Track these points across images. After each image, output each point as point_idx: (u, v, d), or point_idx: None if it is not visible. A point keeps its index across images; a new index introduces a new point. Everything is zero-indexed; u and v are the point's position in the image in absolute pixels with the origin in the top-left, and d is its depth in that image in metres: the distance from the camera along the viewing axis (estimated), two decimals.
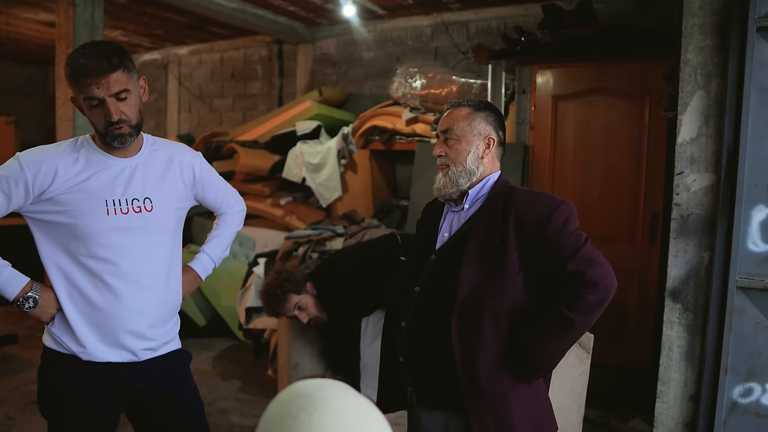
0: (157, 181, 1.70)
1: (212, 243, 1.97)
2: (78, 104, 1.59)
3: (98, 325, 1.63)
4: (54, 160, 1.57)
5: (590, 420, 3.34)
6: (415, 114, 5.15)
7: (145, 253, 1.67)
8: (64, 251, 1.61)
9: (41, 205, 1.58)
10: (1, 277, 1.58)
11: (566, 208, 1.54)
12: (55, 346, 1.65)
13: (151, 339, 1.70)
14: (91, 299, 1.62)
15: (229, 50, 7.27)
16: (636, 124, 3.54)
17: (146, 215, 1.66)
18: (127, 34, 6.88)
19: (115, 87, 1.52)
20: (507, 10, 5.33)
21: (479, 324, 1.52)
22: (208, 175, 1.87)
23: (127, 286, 1.64)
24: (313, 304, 2.68)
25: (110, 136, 1.57)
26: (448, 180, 1.65)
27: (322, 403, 0.69)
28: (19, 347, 4.54)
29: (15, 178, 1.54)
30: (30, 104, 8.70)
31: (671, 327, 2.42)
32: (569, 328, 1.49)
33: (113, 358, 1.65)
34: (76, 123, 4.28)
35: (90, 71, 1.49)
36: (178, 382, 1.79)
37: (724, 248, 2.25)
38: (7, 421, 3.31)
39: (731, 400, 2.28)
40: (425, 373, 1.60)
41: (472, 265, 1.55)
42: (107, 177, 1.61)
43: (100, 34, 4.40)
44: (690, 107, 2.35)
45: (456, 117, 1.67)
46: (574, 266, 1.48)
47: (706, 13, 2.29)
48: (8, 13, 5.87)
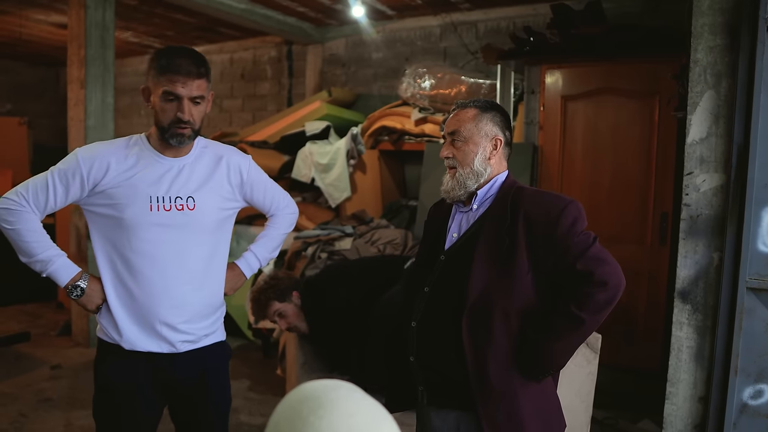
0: (202, 181, 1.76)
1: (259, 243, 2.05)
2: (149, 95, 1.68)
3: (137, 315, 1.72)
4: (107, 156, 1.68)
5: (599, 421, 3.33)
6: (424, 114, 5.15)
7: (185, 250, 1.74)
8: (111, 243, 1.71)
9: (94, 198, 1.69)
10: (55, 266, 1.69)
11: (575, 209, 1.55)
12: (102, 336, 1.77)
13: (188, 333, 1.77)
14: (131, 290, 1.71)
15: (239, 51, 7.30)
16: (645, 124, 3.52)
17: (188, 213, 1.72)
18: (137, 35, 6.94)
19: (195, 91, 1.65)
20: (516, 10, 5.32)
21: (490, 324, 1.53)
22: (256, 178, 1.91)
23: (164, 280, 1.72)
24: (294, 313, 2.78)
25: (171, 134, 1.67)
26: (455, 182, 1.66)
27: (332, 406, 0.68)
28: (31, 345, 4.60)
29: (72, 171, 1.66)
30: (42, 105, 8.79)
31: (680, 328, 2.40)
32: (579, 327, 1.50)
33: (152, 348, 1.73)
34: (87, 124, 4.32)
35: (181, 70, 1.61)
36: (214, 378, 1.85)
37: (733, 249, 2.24)
38: (19, 419, 3.35)
39: (741, 401, 2.26)
40: (436, 373, 1.61)
41: (483, 266, 1.56)
42: (155, 174, 1.70)
43: (111, 35, 4.44)
44: (700, 107, 2.33)
45: (463, 118, 1.67)
46: (582, 266, 1.49)
47: (716, 13, 2.28)
48: (21, 15, 5.94)
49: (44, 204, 1.67)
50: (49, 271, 1.70)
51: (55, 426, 3.25)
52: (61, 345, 4.69)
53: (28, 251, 1.67)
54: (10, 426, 3.25)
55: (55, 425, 3.26)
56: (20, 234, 1.66)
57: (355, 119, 5.85)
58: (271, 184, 2.00)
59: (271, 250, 2.05)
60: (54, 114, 8.59)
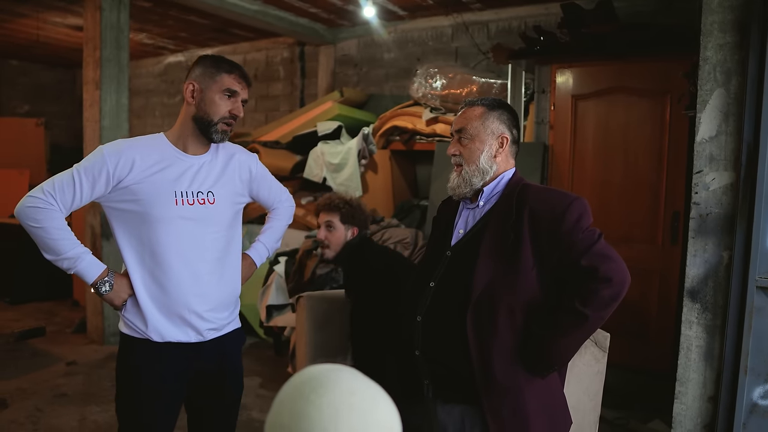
0: (218, 176, 1.87)
1: (267, 234, 2.18)
2: (199, 89, 1.77)
3: (166, 306, 1.77)
4: (132, 152, 1.73)
5: (609, 421, 3.32)
6: (435, 114, 5.16)
7: (206, 242, 1.83)
8: (137, 238, 1.76)
9: (118, 194, 1.74)
10: (83, 263, 1.72)
11: (580, 205, 1.56)
12: (129, 331, 1.80)
13: (213, 321, 1.85)
14: (160, 282, 1.76)
15: (252, 52, 7.36)
16: (657, 122, 3.50)
17: (209, 207, 1.82)
18: (152, 36, 7.02)
19: (246, 95, 1.84)
20: (527, 9, 5.32)
21: (494, 319, 1.54)
22: (262, 174, 2.05)
23: (191, 271, 1.79)
24: (339, 239, 2.57)
25: (216, 128, 1.78)
26: (461, 179, 1.68)
27: (333, 385, 0.73)
28: (48, 342, 4.68)
29: (99, 168, 1.70)
30: (59, 106, 8.93)
31: (690, 327, 2.39)
32: (583, 323, 1.50)
33: (181, 338, 1.80)
34: (102, 125, 4.38)
35: (244, 74, 1.82)
36: (231, 363, 1.95)
37: (743, 247, 2.22)
38: (36, 413, 3.41)
39: (751, 401, 2.25)
40: (441, 367, 1.63)
41: (488, 261, 1.57)
42: (177, 171, 1.78)
43: (126, 37, 4.50)
44: (709, 105, 2.32)
45: (470, 116, 1.69)
46: (587, 262, 1.49)
47: (726, 10, 2.27)
48: (38, 18, 6.04)
49: (71, 201, 1.71)
50: (77, 269, 1.73)
51: (69, 420, 3.31)
52: (77, 342, 4.76)
53: (56, 249, 1.70)
54: (27, 420, 3.32)
55: (70, 420, 3.31)
56: (48, 232, 1.68)
57: (367, 119, 5.88)
58: (273, 180, 2.13)
59: (276, 240, 2.20)
60: (71, 115, 8.73)
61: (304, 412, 0.71)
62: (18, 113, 8.53)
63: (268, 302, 4.31)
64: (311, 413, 0.71)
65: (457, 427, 1.63)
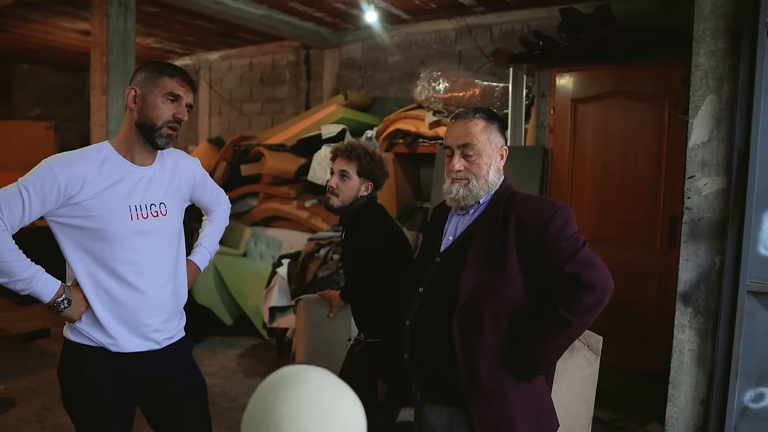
0: (168, 186, 1.86)
1: (208, 238, 2.17)
2: (141, 94, 1.73)
3: (125, 319, 1.75)
4: (82, 167, 1.67)
5: (606, 423, 3.34)
6: (438, 117, 5.20)
7: (161, 253, 1.82)
8: (89, 254, 1.71)
9: (67, 210, 1.67)
10: (39, 284, 1.66)
11: (564, 213, 1.58)
12: (82, 339, 1.75)
13: (168, 330, 1.86)
14: (117, 297, 1.73)
15: (258, 55, 7.43)
16: (655, 126, 3.52)
17: (162, 219, 1.80)
18: (159, 41, 7.11)
19: (191, 100, 1.80)
20: (530, 13, 5.34)
21: (480, 324, 1.58)
22: (203, 179, 2.05)
23: (148, 284, 1.77)
24: (351, 191, 2.34)
25: (160, 132, 1.74)
26: (468, 192, 1.68)
27: (301, 383, 0.81)
28: (55, 343, 4.75)
29: (50, 183, 1.62)
30: (68, 109, 9.05)
31: (682, 330, 2.42)
32: (566, 329, 1.53)
33: (140, 348, 1.79)
34: (108, 129, 4.46)
35: (185, 77, 1.77)
36: (188, 365, 1.96)
37: (734, 252, 2.25)
38: (43, 412, 3.48)
39: (742, 404, 2.27)
40: (429, 370, 1.66)
41: (474, 268, 1.61)
42: (129, 184, 1.74)
43: (132, 43, 4.58)
44: (701, 111, 2.35)
45: (474, 131, 1.68)
46: (571, 269, 1.52)
47: (718, 17, 2.29)
48: (47, 23, 6.14)
49: (19, 220, 1.63)
50: (32, 290, 1.65)
51: None
52: None
53: (8, 272, 1.61)
54: (34, 419, 3.39)
55: None
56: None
57: (371, 122, 5.92)
58: (212, 183, 2.12)
59: (216, 242, 2.20)
60: (80, 118, 8.84)
61: (274, 407, 0.79)
62: (29, 116, 8.66)
63: (271, 304, 4.36)
64: (281, 407, 0.78)
65: (444, 428, 1.67)
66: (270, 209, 5.71)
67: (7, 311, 5.67)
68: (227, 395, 3.76)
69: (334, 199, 2.33)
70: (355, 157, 2.31)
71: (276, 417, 0.78)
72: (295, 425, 0.77)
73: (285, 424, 0.77)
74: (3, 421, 3.24)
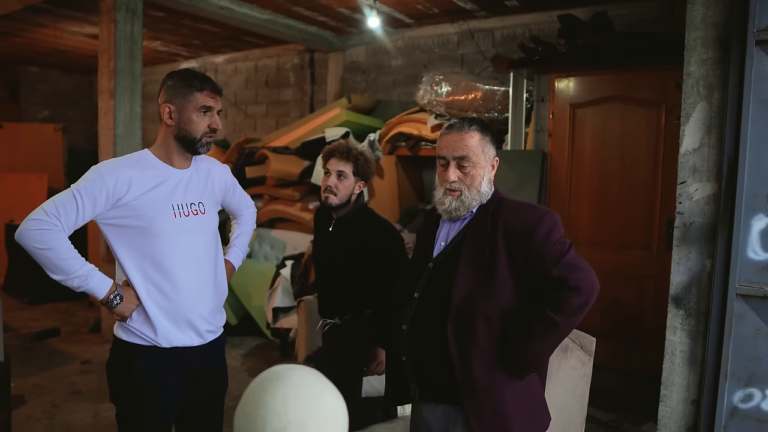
0: (204, 187, 2.00)
1: (240, 238, 2.31)
2: (176, 110, 1.86)
3: (173, 313, 1.88)
4: (128, 171, 1.82)
5: (603, 423, 3.39)
6: (440, 121, 5.26)
7: (203, 249, 1.95)
8: (139, 251, 1.84)
9: (116, 212, 1.81)
10: (94, 281, 1.79)
11: (550, 219, 1.65)
12: (133, 338, 1.88)
13: (211, 324, 1.99)
14: (165, 291, 1.86)
15: (263, 58, 7.51)
16: (652, 131, 3.57)
17: (201, 217, 1.95)
18: (166, 44, 7.20)
19: (220, 105, 1.93)
20: (532, 17, 5.40)
21: (473, 327, 1.64)
22: (233, 184, 2.19)
23: (192, 277, 1.90)
24: (348, 190, 2.47)
25: (201, 143, 1.89)
26: (461, 203, 1.72)
27: (286, 379, 0.91)
28: (64, 342, 4.85)
29: (99, 187, 1.77)
30: (77, 111, 9.17)
31: (674, 332, 2.47)
32: (555, 329, 1.60)
33: (186, 342, 1.91)
34: (116, 132, 4.55)
35: (214, 88, 1.90)
36: (222, 362, 2.11)
37: (724, 256, 2.29)
38: (52, 409, 3.57)
39: (731, 405, 2.32)
40: (426, 372, 1.73)
41: (466, 273, 1.67)
42: (171, 185, 1.89)
43: (139, 48, 4.66)
44: (692, 118, 2.40)
45: (469, 143, 1.71)
46: (557, 272, 1.58)
47: (708, 26, 2.34)
48: (56, 27, 6.25)
49: (74, 221, 1.76)
50: (88, 287, 1.78)
51: (83, 417, 3.46)
52: (92, 341, 4.93)
53: (66, 269, 1.75)
54: (44, 415, 3.48)
55: (84, 416, 3.47)
56: (57, 252, 1.72)
57: (375, 125, 5.99)
58: (240, 188, 2.26)
59: (247, 243, 2.34)
60: (87, 120, 8.96)
61: (261, 401, 0.88)
62: (38, 118, 8.78)
63: (275, 305, 4.44)
64: (267, 401, 0.88)
65: (440, 424, 1.74)
66: (274, 211, 5.79)
67: (18, 311, 5.78)
68: (231, 394, 3.80)
69: (332, 197, 2.47)
70: (352, 158, 2.46)
71: (263, 410, 0.87)
72: (279, 418, 0.85)
73: (270, 416, 0.86)
74: (13, 418, 3.32)
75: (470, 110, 5.10)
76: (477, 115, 4.99)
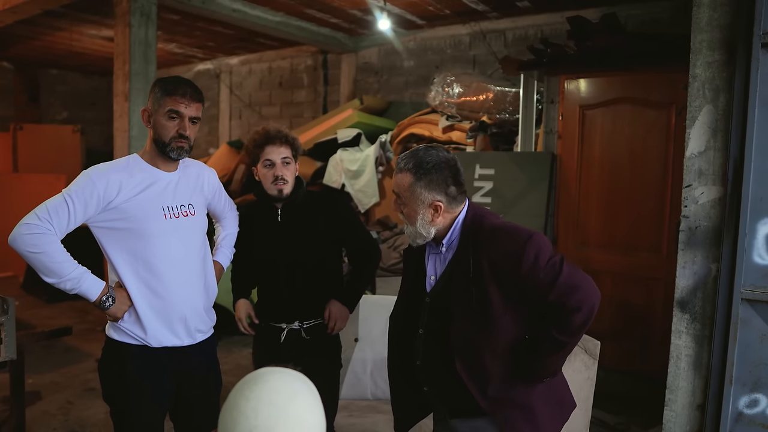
0: (192, 189, 2.04)
1: (227, 239, 2.33)
2: (150, 114, 1.91)
3: (164, 313, 1.91)
4: (117, 175, 1.86)
5: (611, 426, 3.38)
6: (452, 122, 5.27)
7: (193, 249, 1.99)
8: (130, 253, 1.88)
9: (106, 215, 1.85)
10: (86, 283, 1.82)
11: (534, 243, 1.58)
12: (124, 338, 1.92)
13: (202, 323, 2.03)
14: (156, 291, 1.90)
15: (277, 60, 7.58)
16: (662, 133, 3.54)
17: (191, 218, 1.99)
18: (181, 46, 7.30)
19: (194, 113, 1.92)
20: (544, 18, 5.39)
21: (482, 362, 1.64)
22: (219, 188, 2.23)
23: (181, 278, 1.95)
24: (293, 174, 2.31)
25: (171, 147, 1.90)
26: (411, 231, 1.70)
27: (262, 384, 0.94)
28: (80, 340, 4.94)
29: (90, 191, 1.81)
30: (95, 112, 9.32)
31: (679, 336, 2.46)
32: (563, 347, 1.61)
33: (176, 343, 1.95)
34: (131, 134, 4.63)
35: (185, 93, 1.89)
36: (214, 362, 2.15)
37: (729, 260, 2.28)
38: (66, 405, 3.65)
39: (737, 410, 2.31)
40: (450, 401, 1.75)
41: (461, 317, 1.65)
42: (160, 187, 1.92)
43: (153, 51, 4.74)
44: (698, 121, 2.39)
45: (400, 184, 1.67)
46: (554, 297, 1.55)
47: (714, 29, 2.33)
48: (72, 30, 6.36)
49: (66, 225, 1.79)
50: (80, 289, 1.81)
51: (97, 413, 3.53)
52: None
53: (59, 272, 1.77)
54: (59, 411, 3.56)
55: (97, 412, 3.54)
56: (50, 256, 1.75)
57: (387, 126, 6.01)
58: (224, 192, 2.29)
59: (233, 244, 2.34)
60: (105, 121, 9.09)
61: (236, 404, 0.93)
62: (57, 119, 8.95)
63: None
64: (240, 404, 0.92)
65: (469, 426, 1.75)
66: None
67: (36, 309, 5.90)
68: None
69: (285, 186, 2.27)
70: (290, 141, 2.29)
71: (235, 413, 0.91)
72: (248, 421, 0.89)
73: (241, 420, 0.90)
74: (29, 414, 3.40)
75: (481, 111, 5.10)
76: (488, 116, 4.99)
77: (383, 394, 3.00)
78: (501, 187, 4.15)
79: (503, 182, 4.14)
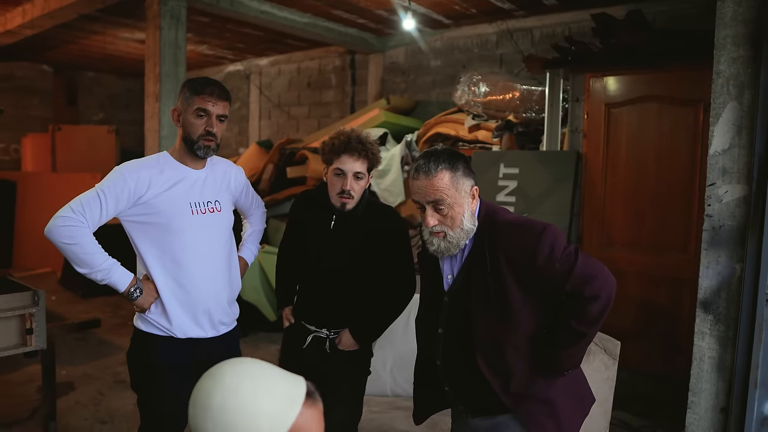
0: (219, 186, 2.12)
1: (252, 236, 2.43)
2: (179, 113, 1.99)
3: (190, 305, 1.99)
4: (148, 171, 1.95)
5: (636, 428, 3.33)
6: (478, 121, 5.25)
7: (219, 245, 2.07)
8: (159, 246, 1.96)
9: (136, 209, 1.93)
10: (116, 274, 1.92)
11: (548, 235, 1.58)
12: (151, 329, 2.00)
13: (225, 316, 2.11)
14: (182, 284, 1.98)
15: (306, 60, 7.66)
16: (690, 131, 3.48)
17: (218, 214, 2.06)
18: (212, 48, 7.44)
19: (221, 111, 2.00)
20: (571, 15, 5.33)
21: (503, 356, 1.65)
22: (246, 185, 2.29)
23: (206, 272, 2.03)
24: (363, 188, 2.18)
25: (198, 145, 1.98)
26: (448, 243, 1.65)
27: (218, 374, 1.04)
28: (111, 333, 5.09)
29: (121, 186, 1.90)
30: (129, 113, 9.57)
31: (702, 338, 2.42)
32: (583, 338, 1.61)
33: (200, 334, 2.03)
34: (161, 134, 4.75)
35: (213, 92, 1.97)
36: (237, 354, 2.19)
37: (754, 260, 2.23)
38: (97, 396, 3.77)
39: (762, 414, 2.26)
40: (472, 399, 1.76)
41: (481, 311, 1.65)
42: (188, 184, 2.00)
43: (183, 53, 4.85)
44: (722, 118, 2.35)
45: (440, 185, 1.60)
46: (571, 287, 1.56)
47: (739, 24, 2.28)
48: (107, 34, 6.55)
49: (98, 218, 1.88)
50: (110, 280, 1.90)
51: (126, 404, 3.64)
52: None
53: (90, 263, 1.87)
54: (90, 402, 3.68)
55: (127, 403, 3.64)
56: (83, 247, 1.84)
57: (413, 126, 6.02)
58: (252, 189, 2.36)
59: (258, 241, 2.44)
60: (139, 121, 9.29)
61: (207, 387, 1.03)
62: (93, 120, 9.22)
63: None
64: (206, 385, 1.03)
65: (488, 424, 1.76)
66: None
67: (72, 303, 6.09)
68: None
69: (350, 201, 2.14)
70: (369, 155, 2.13)
71: (192, 408, 1.04)
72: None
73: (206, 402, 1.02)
74: (63, 404, 3.53)
75: (507, 110, 5.07)
76: (514, 115, 4.96)
77: (403, 391, 3.01)
78: (525, 186, 4.12)
79: (528, 181, 4.11)
